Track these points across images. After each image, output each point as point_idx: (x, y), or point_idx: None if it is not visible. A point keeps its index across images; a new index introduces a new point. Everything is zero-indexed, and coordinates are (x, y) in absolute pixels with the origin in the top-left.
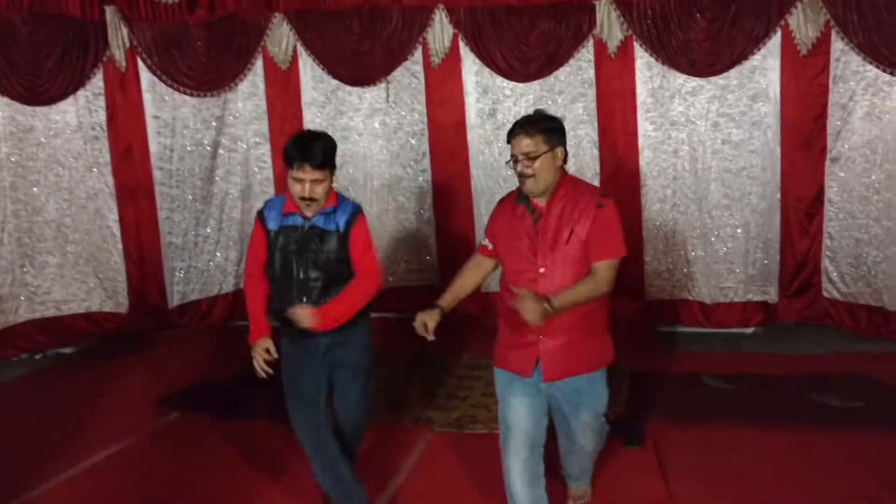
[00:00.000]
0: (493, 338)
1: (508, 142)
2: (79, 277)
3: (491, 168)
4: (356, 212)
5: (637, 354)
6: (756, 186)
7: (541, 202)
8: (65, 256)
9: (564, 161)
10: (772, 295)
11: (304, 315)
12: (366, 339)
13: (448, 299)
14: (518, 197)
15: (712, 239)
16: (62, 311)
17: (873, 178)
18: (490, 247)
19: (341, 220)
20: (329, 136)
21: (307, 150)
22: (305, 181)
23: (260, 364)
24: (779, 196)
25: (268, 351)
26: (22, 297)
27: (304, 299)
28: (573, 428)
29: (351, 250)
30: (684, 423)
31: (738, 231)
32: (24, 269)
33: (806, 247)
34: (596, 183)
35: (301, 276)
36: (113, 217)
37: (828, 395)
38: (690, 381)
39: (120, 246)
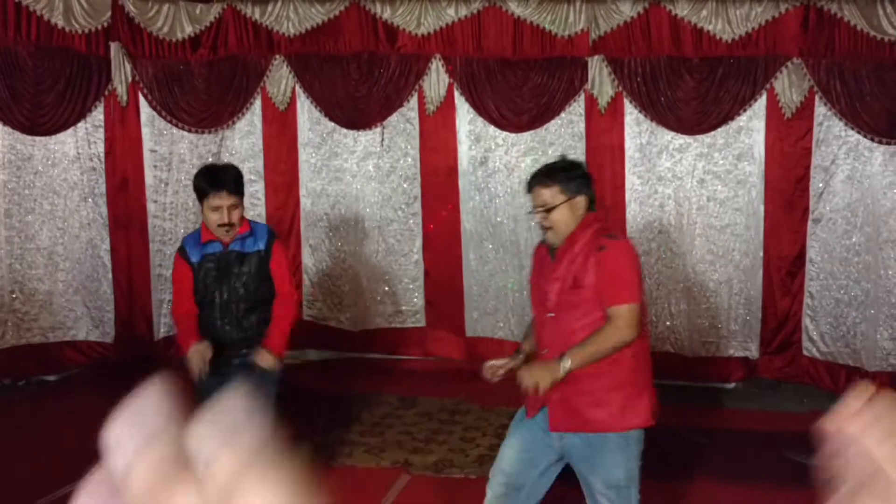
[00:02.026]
0: (475, 383)
1: (528, 192)
2: (67, 305)
3: (481, 214)
4: (273, 234)
5: None
6: (739, 243)
7: (558, 244)
8: (55, 284)
9: (589, 208)
10: (753, 351)
11: (267, 360)
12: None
13: (527, 346)
14: (543, 238)
15: (695, 293)
16: (48, 339)
17: (853, 240)
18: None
19: (261, 242)
20: (235, 166)
21: (220, 178)
22: (223, 207)
23: (197, 365)
24: (762, 254)
25: (203, 353)
26: (9, 323)
27: (227, 321)
28: (588, 495)
29: (273, 269)
30: (659, 477)
31: (721, 287)
32: (14, 296)
33: (787, 305)
34: None
35: (225, 298)
36: (105, 247)
37: (803, 453)
38: (668, 434)
39: (110, 276)
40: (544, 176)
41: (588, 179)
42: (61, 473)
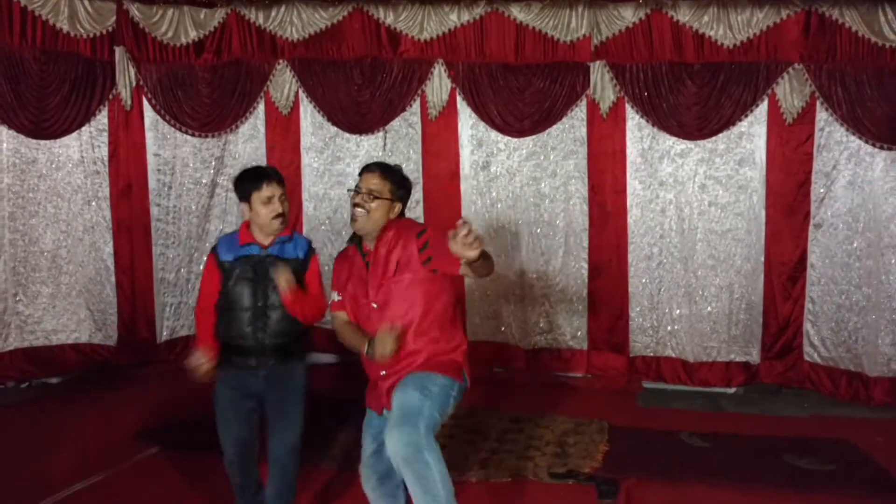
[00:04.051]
0: (478, 386)
1: (360, 174)
2: (70, 308)
3: (482, 218)
4: (311, 245)
5: (618, 410)
6: (741, 248)
7: (370, 245)
8: (58, 287)
9: (398, 217)
10: (753, 356)
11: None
12: (303, 369)
13: (360, 342)
14: (350, 239)
15: (697, 298)
16: (51, 341)
17: (855, 245)
18: (338, 298)
19: (300, 250)
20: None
21: (266, 171)
22: (274, 197)
23: (198, 363)
24: (763, 259)
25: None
26: (12, 326)
27: (258, 326)
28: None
29: (308, 279)
30: (659, 480)
31: (723, 291)
32: (17, 298)
33: (788, 310)
34: (584, 239)
35: (259, 303)
36: (108, 250)
37: (801, 457)
38: (669, 438)
39: (113, 279)
40: (386, 170)
41: (409, 195)
42: (64, 475)
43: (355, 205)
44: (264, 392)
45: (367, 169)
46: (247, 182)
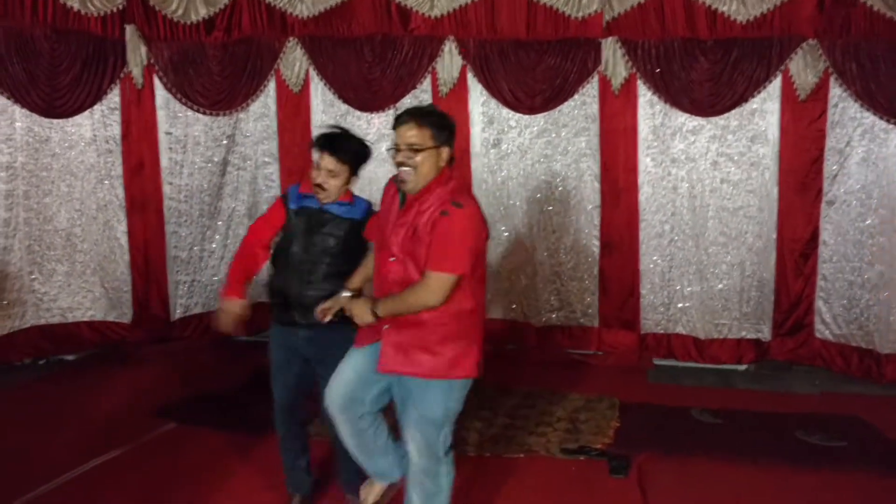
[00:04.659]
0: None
1: (394, 128)
2: (85, 286)
3: (493, 196)
4: (370, 206)
5: (629, 386)
6: (752, 226)
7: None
8: (73, 265)
9: (449, 164)
10: (765, 333)
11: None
12: (348, 335)
13: (356, 281)
14: (398, 180)
15: (708, 275)
16: (67, 319)
17: (868, 222)
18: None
19: (357, 212)
20: (361, 141)
21: (331, 140)
22: (321, 168)
23: (226, 323)
24: (774, 236)
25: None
26: (29, 303)
27: (300, 278)
28: (403, 423)
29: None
30: (671, 455)
31: (734, 269)
32: (33, 276)
33: (800, 287)
34: (596, 216)
35: (305, 254)
36: (122, 229)
37: (812, 434)
38: (680, 414)
39: (127, 257)
40: (420, 116)
41: (454, 134)
42: (82, 450)
43: (399, 163)
44: (311, 356)
45: (399, 121)
46: (315, 138)
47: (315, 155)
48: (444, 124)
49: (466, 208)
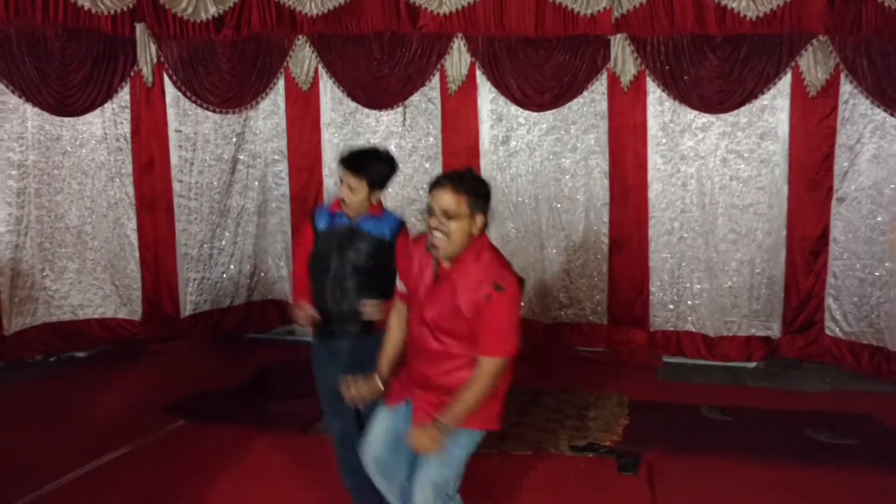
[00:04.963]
0: None
1: (430, 192)
2: (95, 283)
3: (502, 194)
4: (401, 225)
5: (638, 384)
6: (762, 223)
7: (445, 263)
8: (84, 263)
9: (482, 231)
10: (774, 330)
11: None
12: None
13: (384, 367)
14: (429, 245)
15: (718, 273)
16: (78, 316)
17: (878, 219)
18: (403, 290)
19: (386, 229)
20: (384, 157)
21: (351, 158)
22: (343, 184)
23: (301, 318)
24: (784, 233)
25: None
26: (40, 300)
27: (336, 293)
28: (416, 473)
29: (397, 258)
30: (679, 453)
31: (744, 266)
32: (44, 274)
33: (810, 284)
34: (605, 214)
35: (338, 271)
36: (132, 226)
37: (822, 431)
38: (689, 411)
39: (137, 255)
40: (457, 181)
41: (489, 201)
42: (93, 446)
43: (432, 228)
44: (349, 369)
45: (436, 185)
46: (339, 157)
47: (339, 170)
48: (480, 192)
49: (508, 290)
